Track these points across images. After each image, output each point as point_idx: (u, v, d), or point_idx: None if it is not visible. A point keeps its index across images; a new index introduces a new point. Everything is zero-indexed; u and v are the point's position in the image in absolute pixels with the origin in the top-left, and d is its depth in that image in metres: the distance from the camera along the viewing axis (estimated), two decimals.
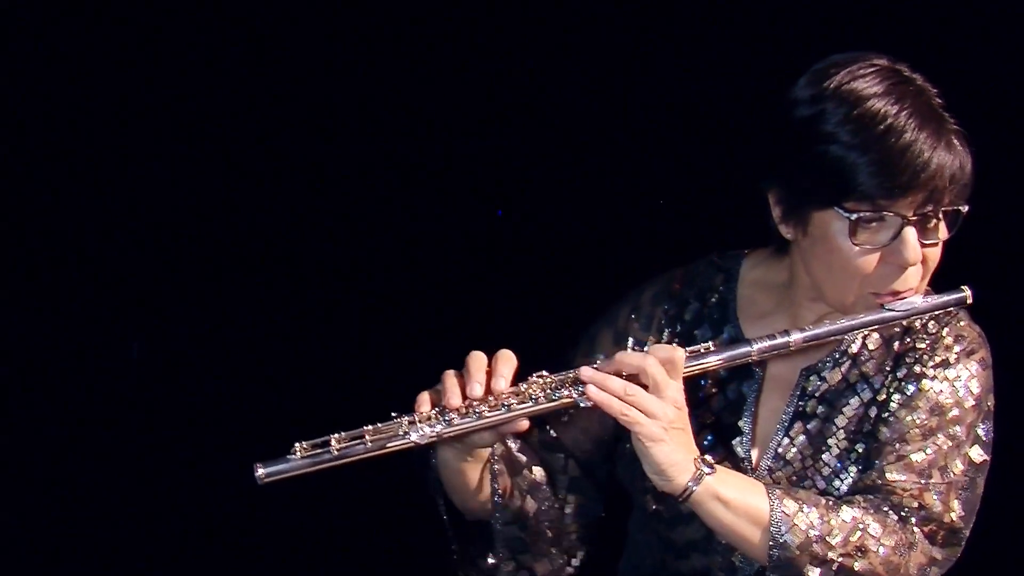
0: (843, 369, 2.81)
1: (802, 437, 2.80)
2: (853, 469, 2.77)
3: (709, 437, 2.83)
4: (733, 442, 2.83)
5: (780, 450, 2.80)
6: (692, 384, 2.79)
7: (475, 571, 2.83)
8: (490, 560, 2.81)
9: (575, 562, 2.90)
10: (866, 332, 2.78)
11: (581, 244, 4.35)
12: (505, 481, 2.78)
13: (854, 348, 2.81)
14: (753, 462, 2.81)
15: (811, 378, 2.82)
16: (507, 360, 2.63)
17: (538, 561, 2.84)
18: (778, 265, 2.84)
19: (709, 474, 2.60)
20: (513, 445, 2.81)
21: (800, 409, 2.81)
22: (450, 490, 2.78)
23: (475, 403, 2.60)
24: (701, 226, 3.89)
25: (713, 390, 2.85)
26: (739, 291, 2.88)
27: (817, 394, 2.81)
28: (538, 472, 2.84)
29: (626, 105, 4.39)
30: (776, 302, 2.84)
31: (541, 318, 2.73)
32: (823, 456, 2.78)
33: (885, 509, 2.67)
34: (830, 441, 2.79)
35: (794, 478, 2.78)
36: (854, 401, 2.80)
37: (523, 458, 2.83)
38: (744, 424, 2.82)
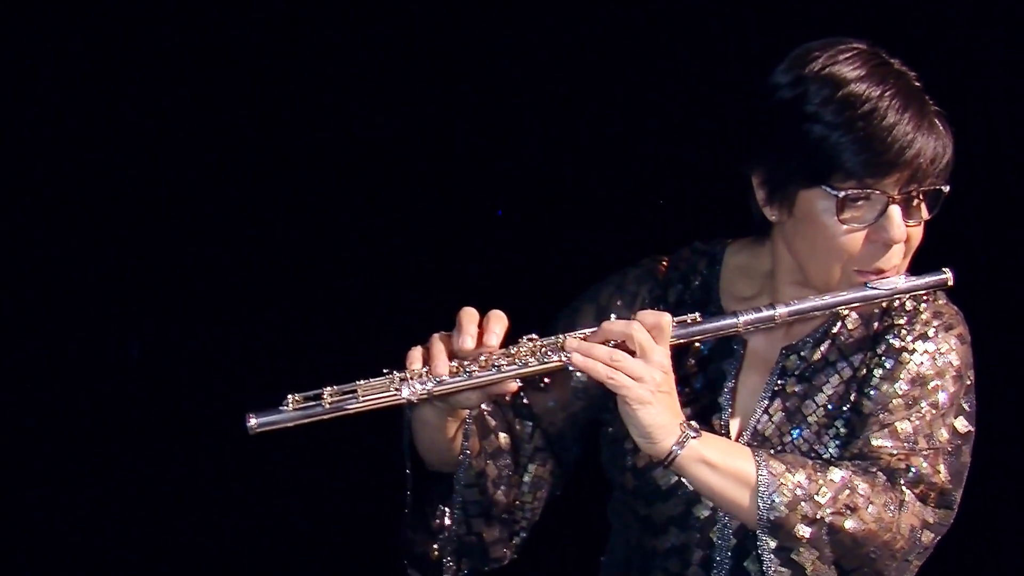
0: (823, 348, 2.85)
1: (780, 414, 2.83)
2: (832, 445, 2.80)
3: (688, 413, 2.84)
4: (712, 418, 2.85)
5: (759, 427, 2.83)
6: (674, 363, 2.84)
7: (423, 532, 2.84)
8: (442, 520, 2.82)
9: (521, 535, 2.92)
10: (847, 312, 2.84)
11: (570, 240, 4.42)
12: (475, 442, 2.80)
13: (834, 329, 2.85)
14: (732, 438, 2.83)
15: (791, 357, 2.85)
16: (499, 319, 2.66)
17: (488, 527, 2.85)
18: (760, 252, 2.89)
19: (694, 437, 2.62)
20: (485, 407, 2.83)
21: (779, 387, 2.84)
22: (423, 446, 2.80)
23: (466, 363, 2.62)
24: (686, 219, 3.94)
25: (694, 369, 2.88)
26: (722, 275, 2.92)
27: (796, 372, 2.84)
28: (503, 439, 2.86)
29: (612, 103, 4.45)
30: (758, 288, 2.87)
31: (531, 313, 2.77)
32: (802, 433, 2.81)
33: (873, 471, 2.69)
34: (809, 419, 2.82)
35: (772, 453, 2.81)
36: (834, 379, 2.83)
37: (493, 422, 2.85)
38: (723, 401, 2.86)
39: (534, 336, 2.67)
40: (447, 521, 2.83)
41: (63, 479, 4.65)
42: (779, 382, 2.85)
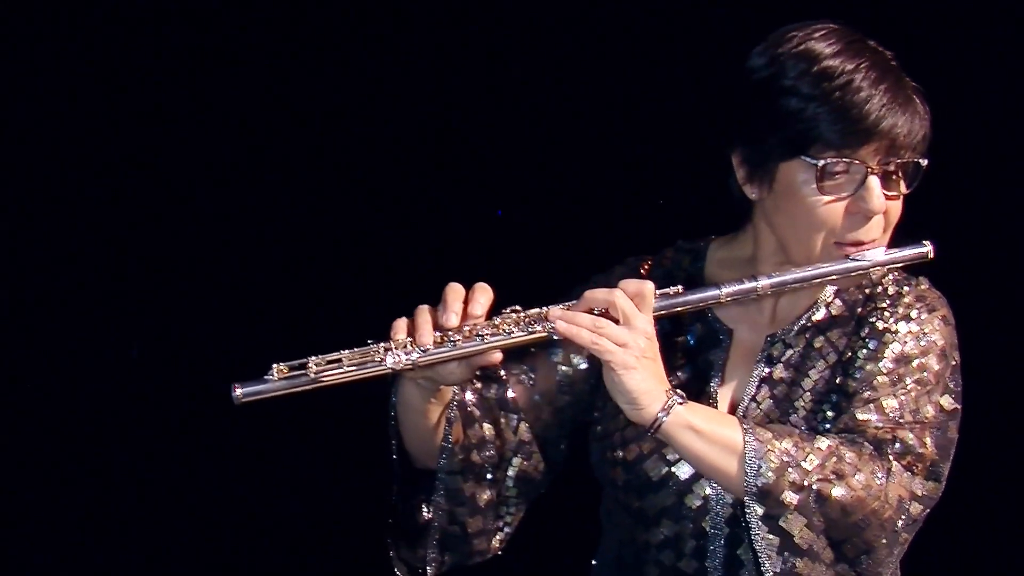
0: (807, 335, 2.86)
1: (769, 401, 2.84)
2: (821, 429, 2.79)
3: None
4: None
5: (747, 415, 2.82)
6: (662, 355, 2.83)
7: (409, 523, 2.85)
8: (425, 514, 2.82)
9: (505, 530, 2.92)
10: (831, 298, 2.87)
11: (557, 239, 4.44)
12: (458, 431, 2.81)
13: (818, 316, 2.87)
14: None
15: (776, 344, 2.87)
16: (484, 290, 2.68)
17: (473, 517, 2.85)
18: (742, 240, 2.92)
19: (680, 403, 2.64)
20: (470, 399, 2.85)
21: (766, 375, 2.85)
22: (407, 434, 2.81)
23: (450, 333, 2.64)
24: (675, 220, 3.97)
25: (682, 361, 2.90)
26: (706, 270, 2.94)
27: (783, 359, 2.85)
28: (488, 429, 2.87)
29: (598, 101, 4.50)
30: (741, 275, 2.87)
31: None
32: (790, 419, 2.81)
33: (860, 441, 2.70)
34: (797, 404, 2.82)
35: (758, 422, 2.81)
36: (820, 365, 2.84)
37: (477, 413, 2.86)
38: (711, 390, 2.87)
39: (518, 308, 2.68)
40: (431, 513, 2.83)
41: (63, 478, 4.68)
42: (766, 370, 2.86)
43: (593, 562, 3.02)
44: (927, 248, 2.80)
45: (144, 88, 4.62)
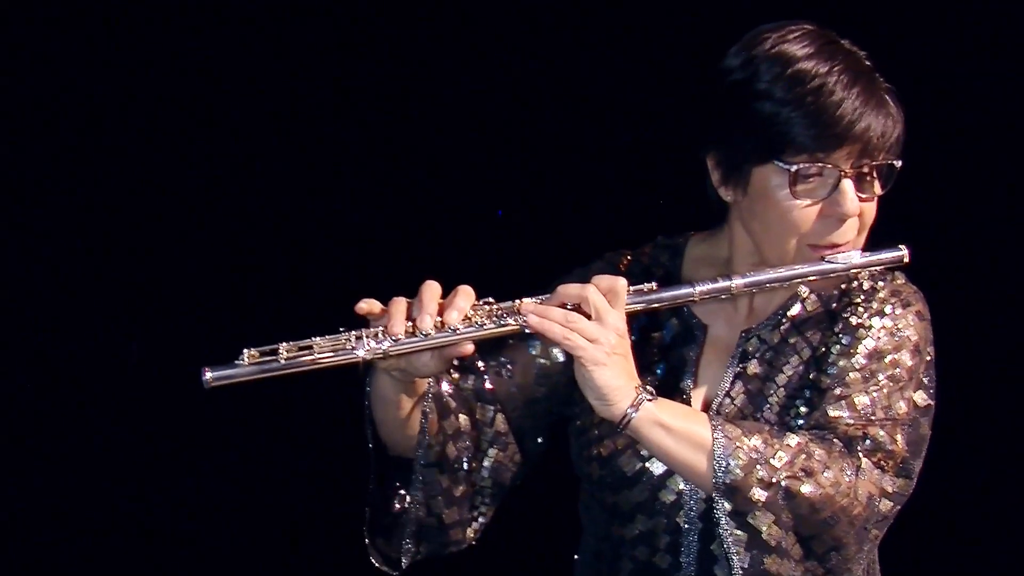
0: (782, 330, 2.87)
1: (742, 396, 2.84)
2: (794, 425, 2.79)
3: None
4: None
5: (721, 410, 2.83)
6: (637, 351, 2.83)
7: (384, 513, 2.85)
8: (402, 503, 2.83)
9: (480, 520, 2.92)
10: (806, 293, 2.87)
11: (538, 234, 4.46)
12: (433, 423, 2.81)
13: (793, 311, 2.88)
14: None
15: (752, 340, 2.87)
16: (466, 295, 2.68)
17: (449, 508, 2.85)
18: (720, 240, 2.92)
19: (650, 400, 2.64)
20: (446, 389, 2.85)
21: (741, 370, 2.86)
22: (380, 422, 2.81)
23: None
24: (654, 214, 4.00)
25: (657, 357, 2.90)
26: (684, 266, 2.95)
27: (757, 355, 2.86)
28: (464, 420, 2.86)
29: (579, 100, 4.52)
30: (717, 274, 2.88)
31: None
32: (764, 414, 2.82)
33: (830, 438, 2.70)
34: (771, 399, 2.83)
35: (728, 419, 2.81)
36: (794, 360, 2.85)
37: (453, 404, 2.86)
38: (686, 386, 2.87)
39: (491, 300, 2.69)
40: (407, 503, 2.83)
41: (62, 478, 4.69)
42: (740, 365, 2.86)
43: (575, 557, 3.03)
44: (903, 252, 2.80)
45: (142, 89, 4.64)
